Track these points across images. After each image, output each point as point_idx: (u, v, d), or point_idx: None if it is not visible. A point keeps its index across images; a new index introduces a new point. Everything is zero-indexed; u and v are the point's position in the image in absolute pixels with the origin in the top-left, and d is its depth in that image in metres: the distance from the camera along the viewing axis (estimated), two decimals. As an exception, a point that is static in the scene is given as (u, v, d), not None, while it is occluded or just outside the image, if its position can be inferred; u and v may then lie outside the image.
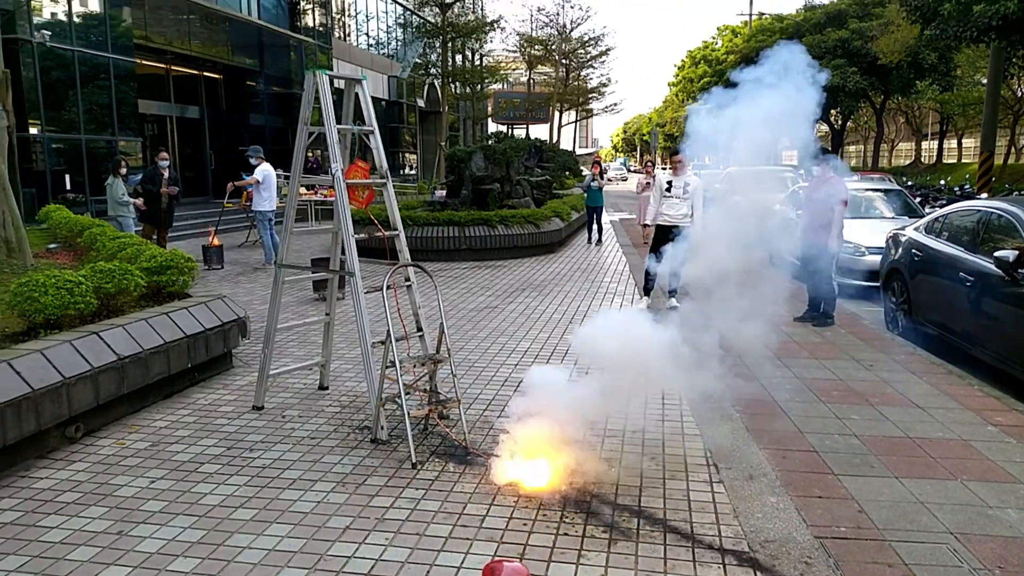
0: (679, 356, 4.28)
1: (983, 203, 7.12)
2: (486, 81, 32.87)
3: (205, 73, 22.07)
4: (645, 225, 8.52)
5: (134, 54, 16.85)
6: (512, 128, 44.89)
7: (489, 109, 43.11)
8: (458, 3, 26.75)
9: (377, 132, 4.81)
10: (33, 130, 14.27)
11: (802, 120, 4.78)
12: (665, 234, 8.28)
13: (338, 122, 4.71)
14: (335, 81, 5.19)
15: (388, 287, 4.41)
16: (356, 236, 4.58)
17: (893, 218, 11.01)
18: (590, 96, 49.06)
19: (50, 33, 14.20)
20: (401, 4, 30.73)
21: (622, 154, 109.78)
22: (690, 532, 3.46)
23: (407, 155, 36.08)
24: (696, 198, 8.21)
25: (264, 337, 5.18)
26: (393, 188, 4.96)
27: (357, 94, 4.84)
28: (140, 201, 10.90)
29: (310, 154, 23.13)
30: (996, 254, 5.89)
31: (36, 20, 14.20)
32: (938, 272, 7.02)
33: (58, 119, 14.89)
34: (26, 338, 4.63)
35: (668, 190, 8.32)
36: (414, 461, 4.18)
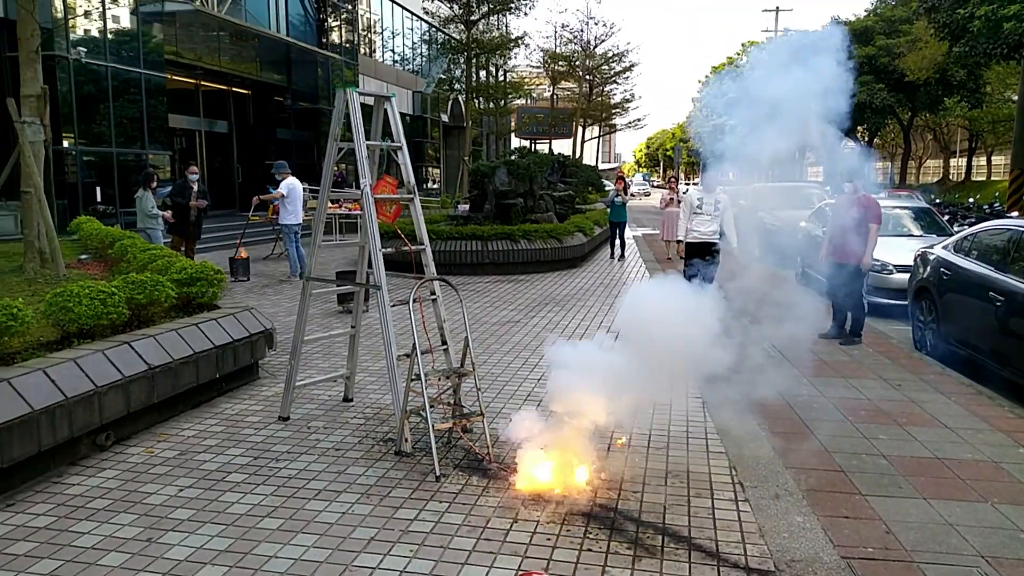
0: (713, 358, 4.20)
1: (1014, 222, 7.02)
2: (510, 96, 33.08)
3: (234, 88, 22.46)
4: (678, 241, 8.63)
5: (165, 69, 17.21)
6: (535, 143, 45.07)
7: (512, 124, 43.33)
8: (483, 20, 27.00)
9: (405, 148, 4.88)
10: (66, 143, 14.61)
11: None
12: (696, 250, 8.42)
13: (367, 138, 4.78)
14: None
15: (414, 300, 4.45)
16: (384, 250, 4.63)
17: (921, 236, 10.88)
18: (613, 112, 49.15)
19: (85, 50, 14.56)
20: (426, 21, 31.08)
21: (644, 169, 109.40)
22: (715, 550, 3.44)
23: (431, 169, 36.37)
24: (727, 215, 8.34)
25: (291, 349, 5.24)
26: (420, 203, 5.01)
27: (386, 110, 4.91)
28: (169, 213, 11.09)
29: (335, 168, 23.42)
30: (1028, 273, 5.81)
31: (72, 37, 14.57)
32: (968, 291, 6.92)
33: (90, 132, 15.23)
34: (60, 347, 4.72)
35: (699, 207, 8.44)
36: (438, 474, 4.20)
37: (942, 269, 7.53)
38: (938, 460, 4.59)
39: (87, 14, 15.08)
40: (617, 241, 15.49)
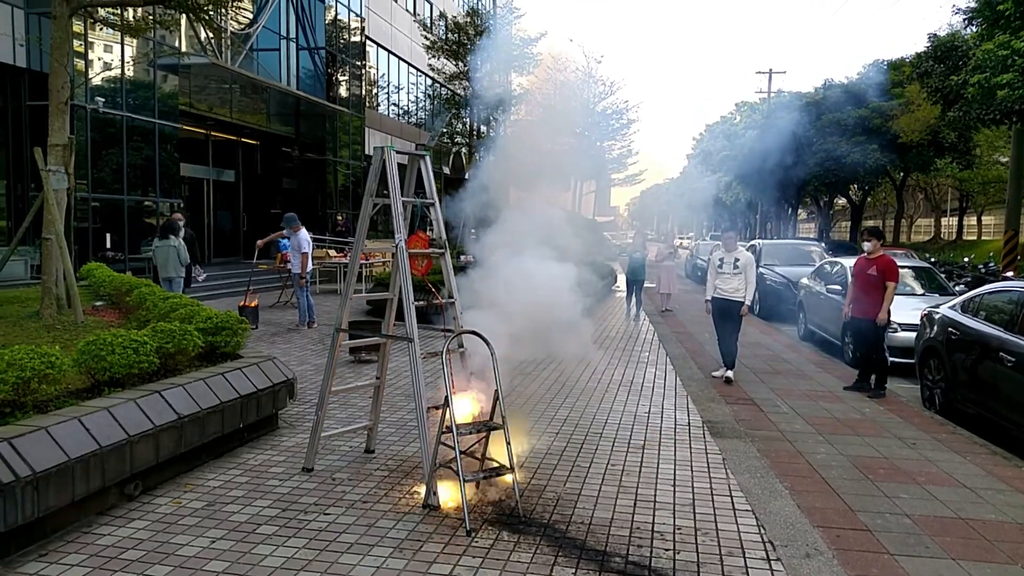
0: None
1: (1021, 284, 7.18)
2: (511, 150, 33.67)
3: (243, 139, 22.83)
4: (706, 300, 9.07)
5: (178, 120, 17.53)
6: (533, 196, 45.49)
7: (511, 177, 43.83)
8: (487, 78, 27.62)
9: (438, 204, 5.02)
10: (79, 190, 14.76)
11: None
12: (721, 307, 8.75)
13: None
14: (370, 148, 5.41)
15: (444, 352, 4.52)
16: (415, 303, 4.72)
17: (924, 295, 11.06)
18: (611, 167, 49.94)
19: (103, 99, 14.86)
20: (431, 77, 31.80)
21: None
22: (753, 610, 3.45)
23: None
24: (748, 272, 8.60)
25: (318, 399, 5.29)
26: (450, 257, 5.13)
27: (420, 168, 5.07)
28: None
29: (340, 217, 23.64)
30: (1039, 335, 5.93)
31: (90, 86, 14.87)
32: (977, 351, 7.03)
33: (103, 180, 15.43)
34: (89, 395, 4.76)
35: (720, 267, 8.77)
36: (468, 528, 4.21)
37: (950, 329, 7.66)
38: (962, 520, 4.63)
39: (107, 66, 15.42)
40: (634, 299, 14.94)
